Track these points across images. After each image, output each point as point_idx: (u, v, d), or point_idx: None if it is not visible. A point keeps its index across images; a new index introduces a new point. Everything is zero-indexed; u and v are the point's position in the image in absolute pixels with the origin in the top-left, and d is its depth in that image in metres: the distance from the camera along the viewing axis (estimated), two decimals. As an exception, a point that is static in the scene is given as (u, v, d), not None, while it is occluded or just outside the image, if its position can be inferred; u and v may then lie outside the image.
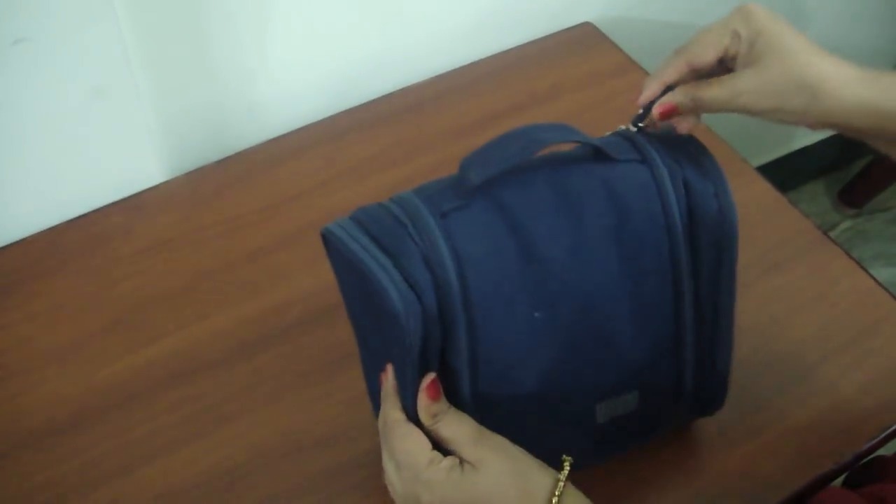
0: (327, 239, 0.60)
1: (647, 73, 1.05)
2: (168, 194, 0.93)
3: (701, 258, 0.60)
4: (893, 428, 0.74)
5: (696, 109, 0.62)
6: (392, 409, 0.57)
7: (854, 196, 1.92)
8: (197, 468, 0.73)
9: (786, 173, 1.82)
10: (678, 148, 0.62)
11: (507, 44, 1.09)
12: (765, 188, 0.94)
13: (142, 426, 0.75)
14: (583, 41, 1.11)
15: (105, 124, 0.85)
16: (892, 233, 1.91)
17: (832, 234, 1.86)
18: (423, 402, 0.55)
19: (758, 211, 0.91)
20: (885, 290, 0.84)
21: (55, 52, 0.76)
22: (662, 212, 0.59)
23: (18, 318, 0.82)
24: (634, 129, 0.64)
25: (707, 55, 0.60)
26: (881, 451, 0.73)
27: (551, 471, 0.53)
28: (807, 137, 1.79)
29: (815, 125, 0.59)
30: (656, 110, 0.62)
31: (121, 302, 0.84)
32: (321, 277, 0.84)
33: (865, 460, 0.73)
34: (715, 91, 0.60)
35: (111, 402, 0.77)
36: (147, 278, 0.86)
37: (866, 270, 0.86)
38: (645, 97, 0.64)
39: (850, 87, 0.56)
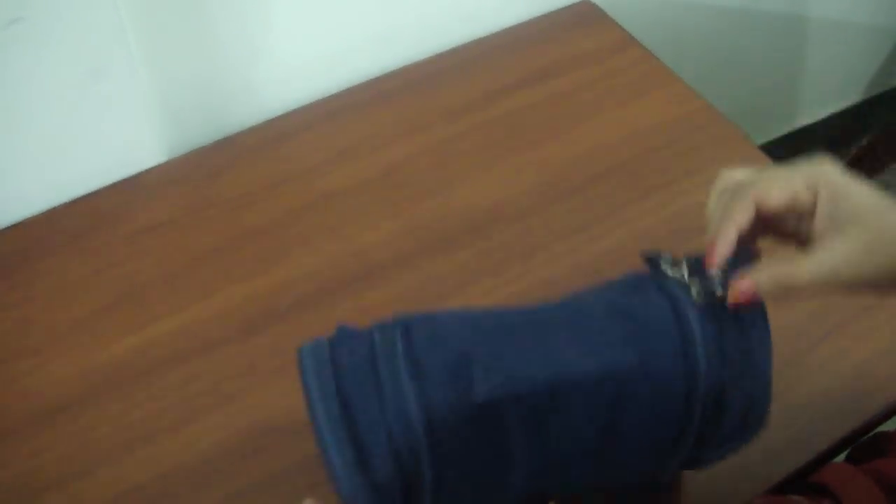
0: (300, 360, 0.55)
1: (646, 51, 1.04)
2: (167, 175, 0.93)
3: None
4: (894, 402, 0.74)
5: (784, 298, 0.53)
6: None
7: (858, 173, 1.91)
8: (199, 447, 0.73)
9: (788, 151, 1.82)
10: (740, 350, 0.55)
11: (506, 22, 1.08)
12: (765, 163, 0.93)
13: (143, 406, 0.75)
14: (582, 18, 1.10)
15: (104, 105, 0.85)
16: None
17: (835, 211, 1.83)
18: None
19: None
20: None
21: (52, 32, 0.76)
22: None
23: (18, 300, 0.82)
24: (697, 297, 0.55)
25: (777, 199, 0.53)
26: (883, 428, 0.73)
27: None
28: (809, 115, 1.78)
29: None
30: (735, 297, 0.53)
31: (121, 282, 0.84)
32: (321, 256, 0.85)
33: (868, 436, 0.73)
34: (810, 270, 0.51)
35: (112, 382, 0.77)
36: (147, 259, 0.86)
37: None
38: (722, 253, 0.54)
39: None
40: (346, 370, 0.52)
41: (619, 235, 0.86)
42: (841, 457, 0.74)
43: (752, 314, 0.55)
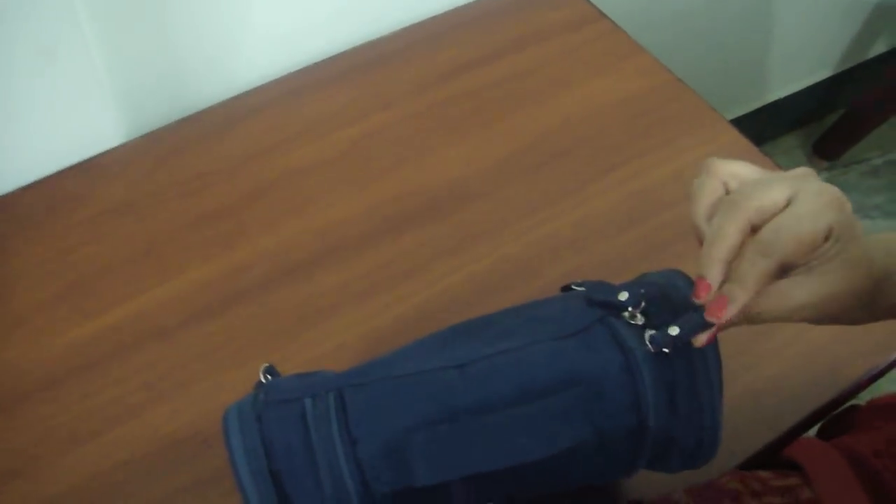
0: (224, 425, 0.51)
1: (613, 24, 1.03)
2: (126, 156, 0.91)
3: None
4: (864, 376, 0.73)
5: (743, 323, 0.51)
6: None
7: (829, 149, 1.91)
8: (161, 433, 0.71)
9: (759, 126, 1.81)
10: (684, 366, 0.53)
11: (471, -4, 1.07)
12: (735, 138, 0.92)
13: (103, 392, 0.74)
14: (549, -8, 1.08)
15: (57, 87, 0.83)
16: (868, 185, 1.90)
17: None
18: None
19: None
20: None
21: (1, 13, 0.73)
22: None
23: (-27, 287, 0.80)
24: (651, 345, 0.52)
25: (794, 247, 0.48)
26: (855, 401, 0.73)
27: None
28: (780, 90, 1.78)
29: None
30: (704, 343, 0.51)
31: (79, 267, 0.82)
32: (284, 236, 0.84)
33: (839, 410, 0.73)
34: (772, 307, 0.50)
35: (72, 368, 0.75)
36: (106, 243, 0.84)
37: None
38: (713, 285, 0.49)
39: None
40: (276, 446, 0.49)
41: (586, 210, 0.85)
42: (812, 431, 0.73)
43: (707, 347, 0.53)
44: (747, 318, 0.50)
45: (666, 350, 0.51)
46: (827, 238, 0.48)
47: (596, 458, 0.53)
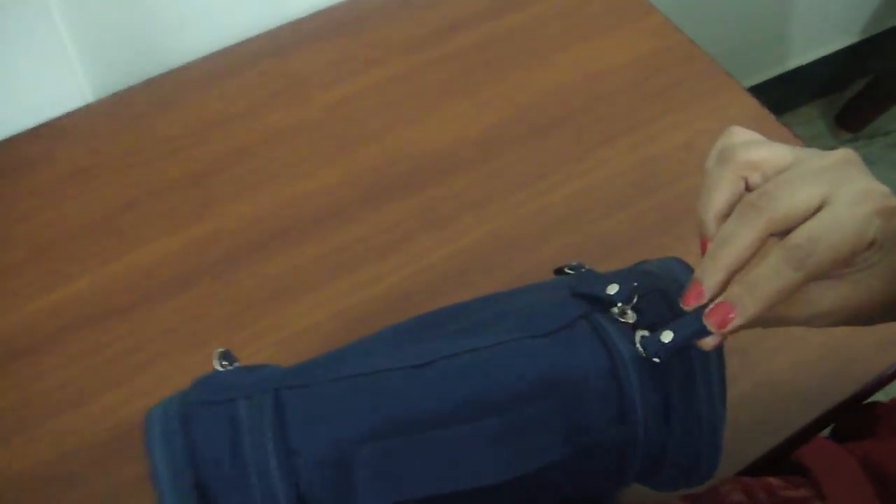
0: (146, 428, 0.45)
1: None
2: (91, 118, 0.85)
3: None
4: (887, 371, 0.66)
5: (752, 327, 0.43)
6: None
7: (852, 120, 1.84)
8: (114, 419, 0.66)
9: (778, 95, 1.75)
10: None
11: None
12: (752, 105, 0.85)
13: (53, 374, 0.68)
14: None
15: (15, 44, 0.77)
16: (892, 158, 1.83)
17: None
18: None
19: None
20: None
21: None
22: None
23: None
24: (644, 352, 0.45)
25: (832, 261, 0.40)
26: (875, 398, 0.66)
27: None
28: (801, 56, 1.71)
29: None
30: (714, 325, 0.41)
31: (36, 236, 0.76)
32: (256, 205, 0.78)
33: (856, 408, 0.66)
34: (791, 312, 0.43)
35: (18, 350, 0.70)
36: (66, 210, 0.78)
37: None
38: (707, 295, 0.42)
39: None
40: (204, 456, 0.42)
41: (585, 183, 0.78)
42: (827, 430, 0.66)
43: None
44: (758, 321, 0.42)
45: (657, 359, 0.44)
46: (869, 247, 0.41)
47: (575, 476, 0.46)
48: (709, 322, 0.41)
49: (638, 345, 0.45)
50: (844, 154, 0.42)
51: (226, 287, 0.73)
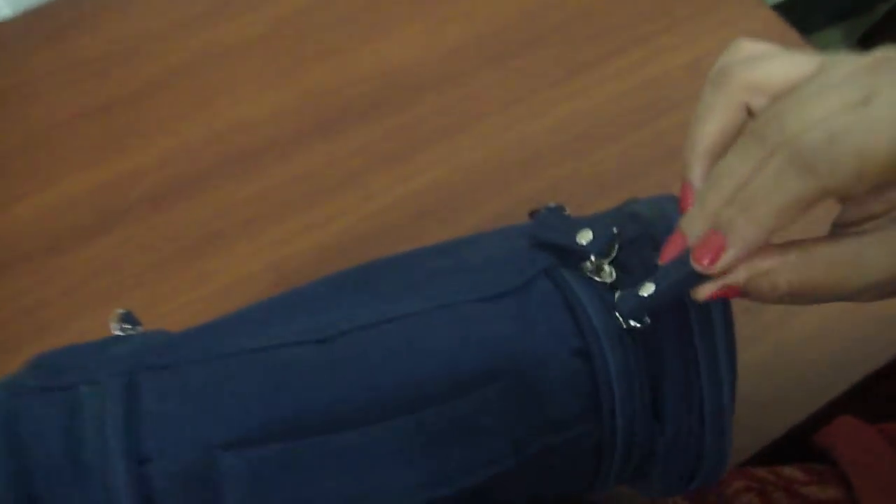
0: None
1: None
2: (6, 34, 0.73)
3: None
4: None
5: (788, 300, 0.32)
6: None
7: (877, 45, 1.72)
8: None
9: (796, 16, 1.61)
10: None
11: None
12: (768, 19, 0.73)
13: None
14: None
15: None
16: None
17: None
18: None
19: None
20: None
21: None
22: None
23: None
24: (620, 315, 0.35)
25: (856, 167, 0.27)
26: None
27: None
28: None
29: None
30: (704, 262, 0.31)
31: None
32: (186, 136, 0.67)
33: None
34: (834, 282, 0.31)
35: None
36: (-32, 141, 0.67)
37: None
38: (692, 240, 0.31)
39: None
40: (35, 458, 0.32)
41: (572, 109, 0.67)
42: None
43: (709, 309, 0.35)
44: (790, 296, 0.31)
45: (636, 324, 0.33)
46: None
47: (535, 486, 0.35)
48: (697, 260, 0.30)
49: (615, 310, 0.34)
50: (885, 53, 0.30)
51: (148, 232, 0.63)
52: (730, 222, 0.29)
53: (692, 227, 0.31)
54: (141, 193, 0.64)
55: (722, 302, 0.36)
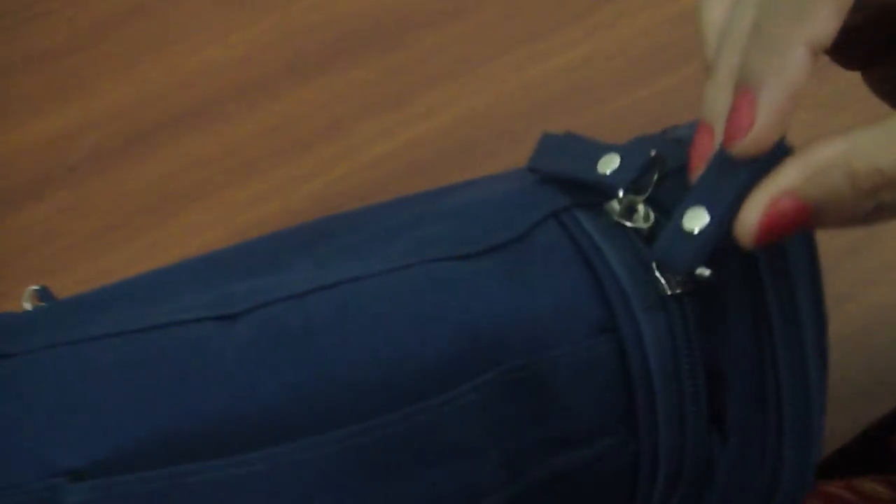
0: None
1: None
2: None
3: None
4: None
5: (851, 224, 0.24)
6: None
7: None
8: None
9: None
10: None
11: None
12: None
13: None
14: None
15: None
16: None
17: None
18: None
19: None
20: None
21: None
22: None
23: None
24: (663, 281, 0.25)
25: None
26: None
27: None
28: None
29: None
30: (755, 219, 0.22)
31: None
32: (139, 85, 0.59)
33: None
34: None
35: None
36: None
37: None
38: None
39: None
40: None
41: (591, 47, 0.58)
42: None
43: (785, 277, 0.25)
44: (885, 188, 0.21)
45: (688, 282, 0.24)
46: None
47: None
48: (730, 139, 0.23)
49: (655, 267, 0.24)
50: None
51: (93, 195, 0.55)
52: (751, 65, 0.23)
53: (714, 102, 0.25)
54: (87, 150, 0.56)
55: (804, 243, 0.26)
